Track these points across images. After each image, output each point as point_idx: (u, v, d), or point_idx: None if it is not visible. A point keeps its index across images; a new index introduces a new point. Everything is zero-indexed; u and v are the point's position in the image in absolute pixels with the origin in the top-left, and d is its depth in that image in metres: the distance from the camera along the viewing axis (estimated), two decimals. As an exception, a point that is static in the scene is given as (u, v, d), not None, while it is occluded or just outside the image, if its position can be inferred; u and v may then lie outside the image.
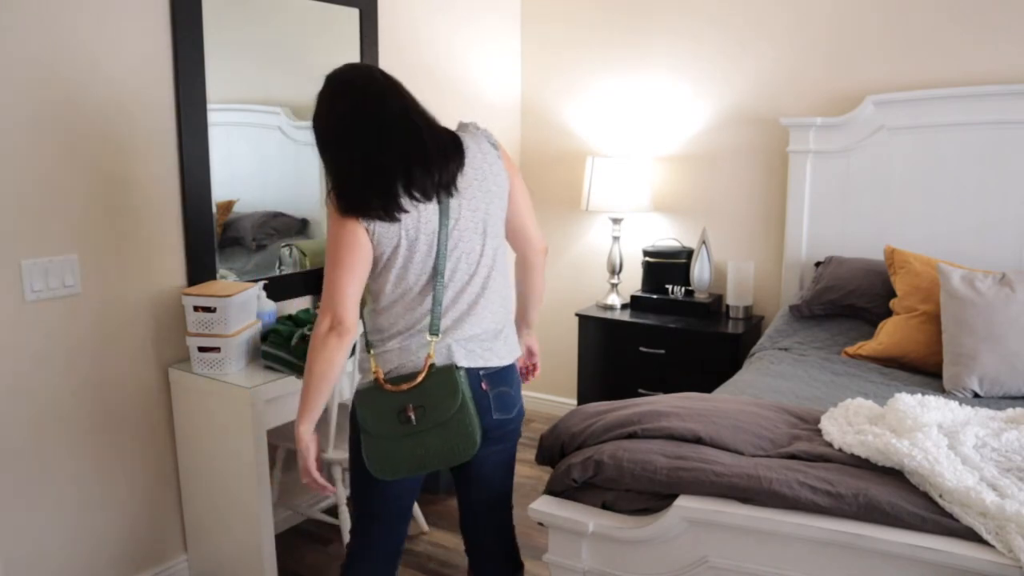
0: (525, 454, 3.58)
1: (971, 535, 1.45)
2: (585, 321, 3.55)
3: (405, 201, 1.60)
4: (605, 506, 1.78)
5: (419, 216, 1.62)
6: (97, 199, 2.24)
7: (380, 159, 1.60)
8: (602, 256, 3.82)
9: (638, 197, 3.52)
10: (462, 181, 1.66)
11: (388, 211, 1.59)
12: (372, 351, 1.70)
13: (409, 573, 2.62)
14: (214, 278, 2.54)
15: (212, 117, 2.51)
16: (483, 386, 1.69)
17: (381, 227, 1.61)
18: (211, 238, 2.53)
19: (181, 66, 2.39)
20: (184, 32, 2.39)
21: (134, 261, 2.35)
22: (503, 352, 1.74)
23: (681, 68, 3.52)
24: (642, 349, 3.38)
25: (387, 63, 3.14)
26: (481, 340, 1.70)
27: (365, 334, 1.74)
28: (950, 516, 1.48)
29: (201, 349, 2.36)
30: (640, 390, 3.39)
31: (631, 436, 1.81)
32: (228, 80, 2.57)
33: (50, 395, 2.19)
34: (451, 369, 1.64)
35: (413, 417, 1.62)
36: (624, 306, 3.62)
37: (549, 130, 3.94)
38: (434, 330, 1.65)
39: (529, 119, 3.99)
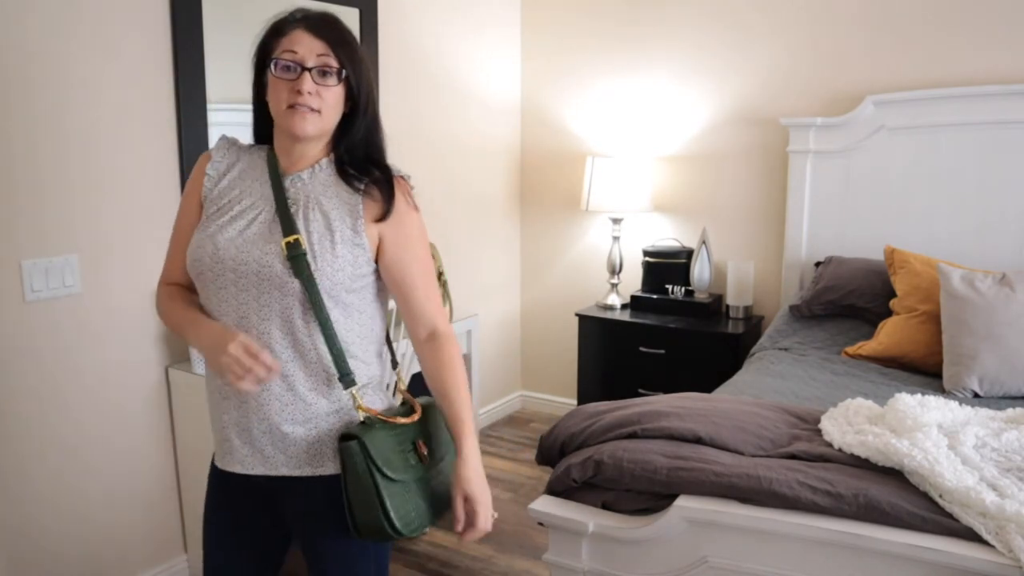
0: (525, 454, 3.58)
1: (971, 535, 1.45)
2: (585, 321, 3.55)
3: None
4: (605, 506, 1.78)
5: None
6: (97, 199, 2.24)
7: None
8: (602, 256, 3.82)
9: (638, 197, 3.52)
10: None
11: None
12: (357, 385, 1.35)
13: (409, 573, 2.62)
14: (214, 278, 2.54)
15: (212, 117, 2.51)
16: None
17: None
18: (211, 238, 2.53)
19: (181, 66, 2.39)
20: (184, 32, 2.39)
21: (134, 261, 2.35)
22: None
23: (681, 68, 3.52)
24: (642, 349, 3.38)
25: (387, 63, 3.14)
26: None
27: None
28: (950, 516, 1.48)
29: (201, 349, 2.36)
30: (640, 390, 3.39)
31: (631, 436, 1.81)
32: (228, 80, 2.56)
33: (50, 395, 2.19)
34: (433, 404, 1.42)
35: (426, 453, 1.37)
36: (624, 306, 3.62)
37: (549, 130, 3.94)
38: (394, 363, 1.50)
39: (529, 119, 3.99)
